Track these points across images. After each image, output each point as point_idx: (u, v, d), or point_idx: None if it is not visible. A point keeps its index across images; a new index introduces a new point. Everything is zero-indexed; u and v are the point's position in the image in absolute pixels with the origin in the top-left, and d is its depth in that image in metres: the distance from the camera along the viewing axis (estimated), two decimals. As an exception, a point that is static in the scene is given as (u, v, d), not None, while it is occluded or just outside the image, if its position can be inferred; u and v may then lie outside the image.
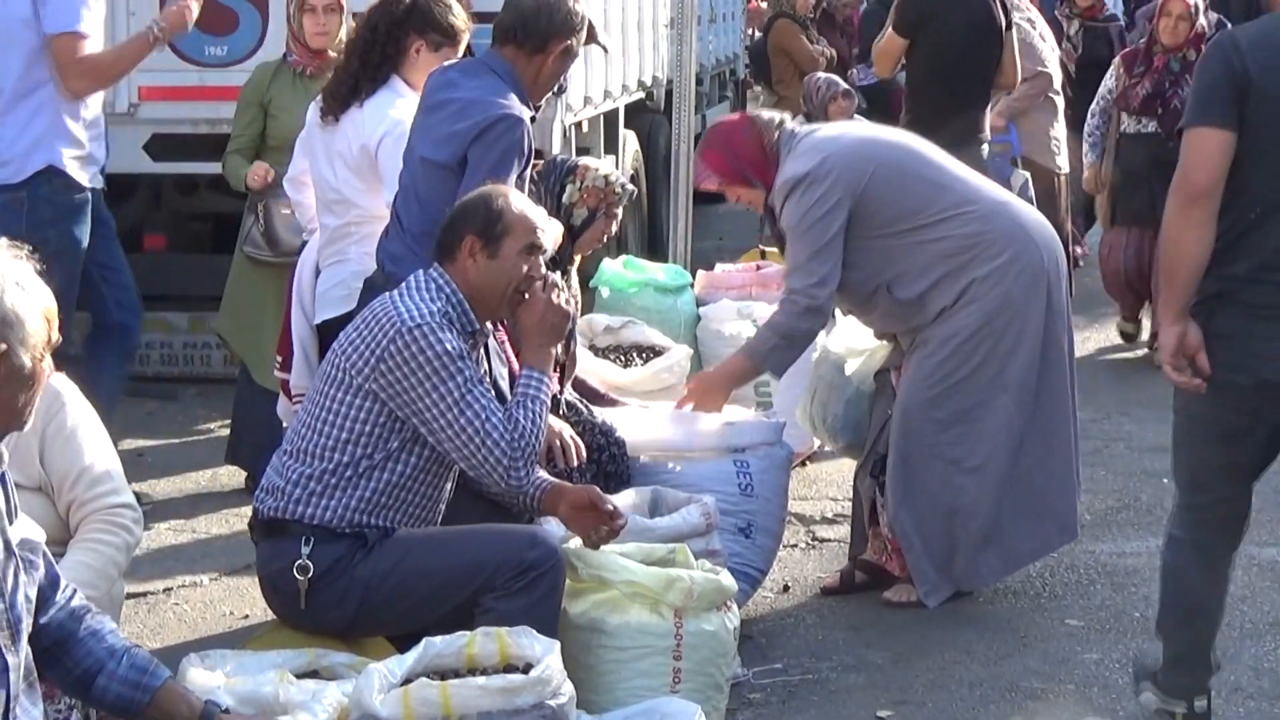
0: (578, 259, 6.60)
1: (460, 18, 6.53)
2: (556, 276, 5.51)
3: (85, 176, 7.61)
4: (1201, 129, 5.05)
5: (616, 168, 11.22)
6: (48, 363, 3.64)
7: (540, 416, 5.23)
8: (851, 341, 7.05)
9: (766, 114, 6.83)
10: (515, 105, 5.85)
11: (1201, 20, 10.59)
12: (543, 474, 5.46)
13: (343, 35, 7.76)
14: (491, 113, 5.82)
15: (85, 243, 7.67)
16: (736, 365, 6.77)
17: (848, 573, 6.95)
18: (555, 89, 6.40)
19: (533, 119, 6.03)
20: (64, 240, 7.53)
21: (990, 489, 6.56)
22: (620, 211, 6.64)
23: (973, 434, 6.55)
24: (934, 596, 6.64)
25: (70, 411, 4.90)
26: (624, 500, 5.79)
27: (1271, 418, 5.15)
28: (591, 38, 6.38)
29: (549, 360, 5.38)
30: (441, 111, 5.97)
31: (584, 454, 5.99)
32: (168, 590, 7.04)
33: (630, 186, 6.74)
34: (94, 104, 7.67)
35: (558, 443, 5.92)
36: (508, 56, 5.99)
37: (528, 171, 5.98)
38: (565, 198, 6.46)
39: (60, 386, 4.91)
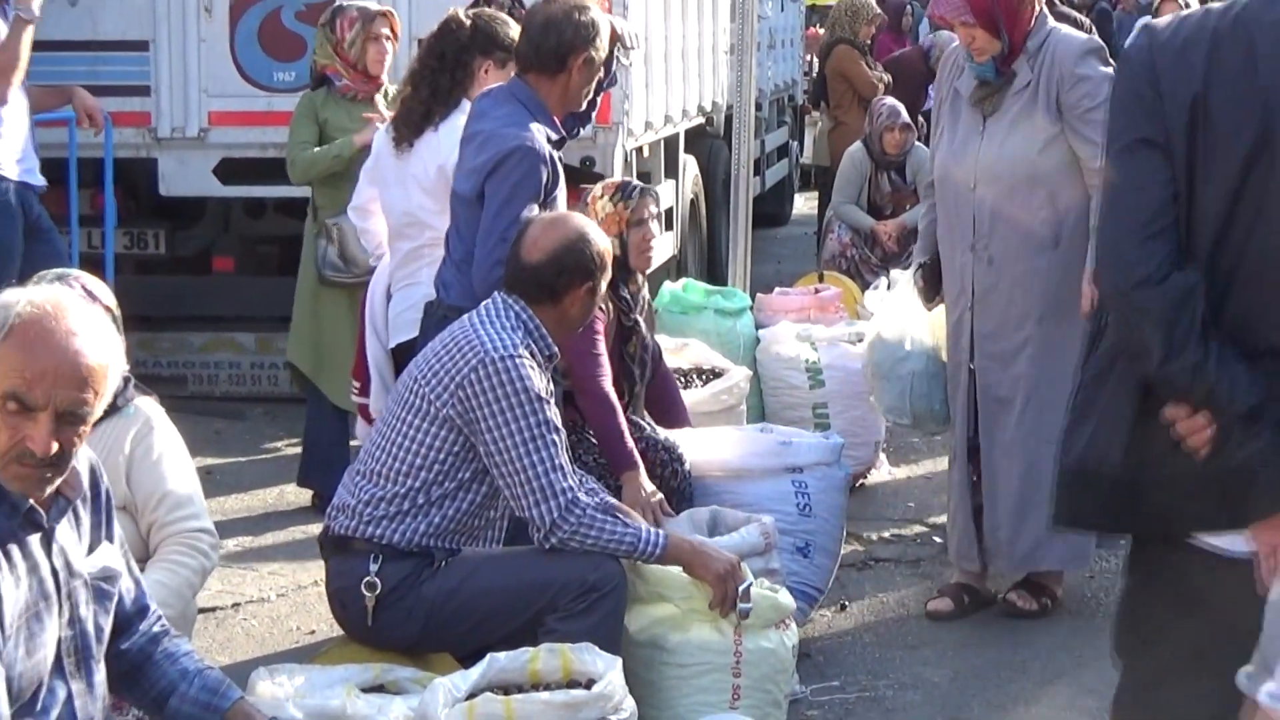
0: (641, 278, 6.60)
1: (517, 30, 6.56)
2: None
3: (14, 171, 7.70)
4: None
5: (675, 191, 11.28)
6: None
7: (608, 538, 5.16)
8: (904, 324, 7.04)
9: None
10: (533, 135, 5.84)
11: None
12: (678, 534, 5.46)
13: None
14: (505, 146, 5.83)
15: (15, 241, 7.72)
16: None
17: (955, 594, 6.88)
18: (603, 86, 6.38)
19: (562, 141, 6.06)
20: None
21: None
22: (647, 212, 6.56)
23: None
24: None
25: (158, 437, 4.95)
26: (682, 521, 5.81)
27: None
28: (614, 42, 6.39)
29: (687, 546, 5.30)
30: (470, 145, 6.01)
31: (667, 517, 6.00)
32: (236, 606, 7.07)
33: (646, 187, 6.72)
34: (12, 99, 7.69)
35: (653, 510, 5.90)
36: (531, 82, 6.01)
37: (557, 193, 5.97)
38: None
39: (150, 412, 4.96)
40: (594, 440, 6.12)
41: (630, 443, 6.02)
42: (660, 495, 6.01)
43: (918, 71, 13.74)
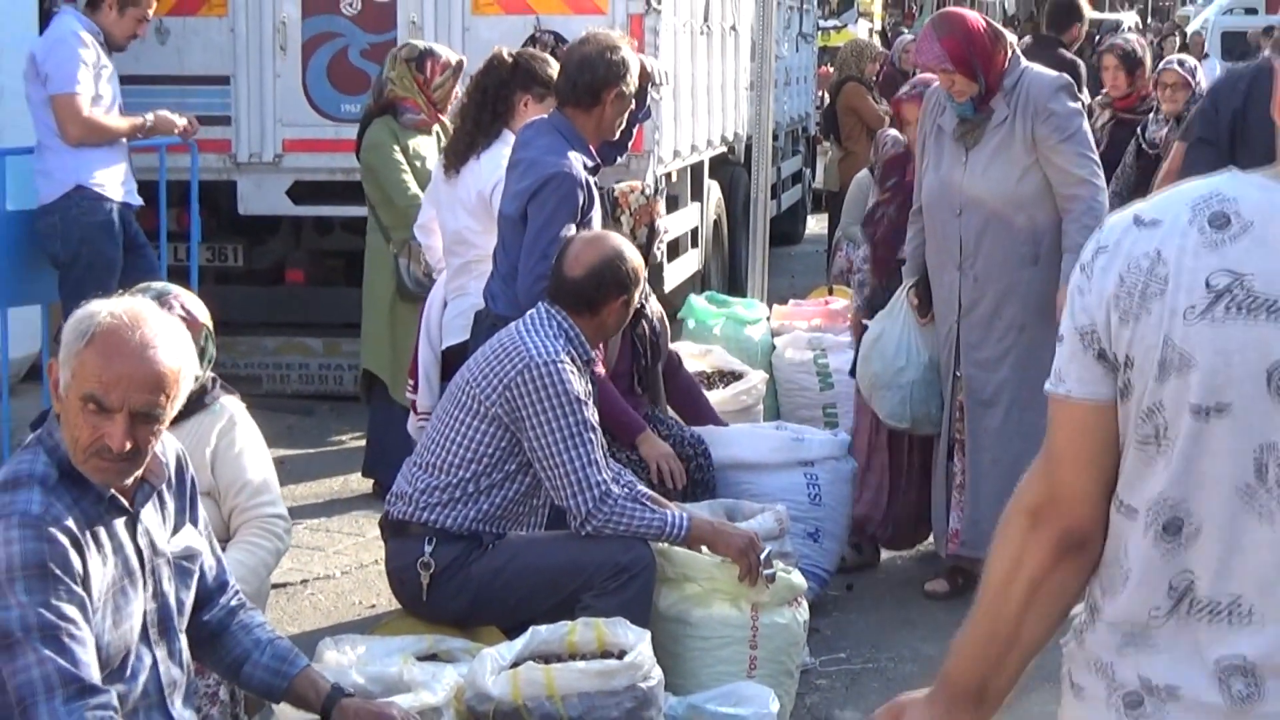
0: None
1: (555, 68, 6.56)
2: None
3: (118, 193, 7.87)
4: None
5: (700, 213, 11.28)
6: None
7: (637, 524, 5.17)
8: (900, 337, 6.89)
9: (1000, 27, 6.62)
10: (570, 163, 5.84)
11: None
12: (701, 513, 5.45)
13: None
14: (545, 172, 5.81)
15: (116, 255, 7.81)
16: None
17: (949, 576, 6.87)
18: (636, 118, 6.44)
19: (597, 168, 6.05)
20: (95, 255, 7.68)
21: None
22: (663, 209, 6.66)
23: None
24: None
25: (240, 432, 4.95)
26: (703, 511, 5.80)
27: None
28: (644, 79, 6.39)
29: (709, 525, 5.32)
30: (514, 171, 6.01)
31: (684, 478, 6.01)
32: (304, 582, 7.09)
33: (655, 190, 6.78)
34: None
35: (666, 465, 5.94)
36: (569, 115, 6.00)
37: (592, 214, 5.96)
38: (624, 226, 6.51)
39: (233, 409, 4.97)
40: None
41: (631, 411, 6.03)
42: (669, 449, 6.04)
43: None
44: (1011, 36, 6.65)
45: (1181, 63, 9.22)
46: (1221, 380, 2.41)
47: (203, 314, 4.79)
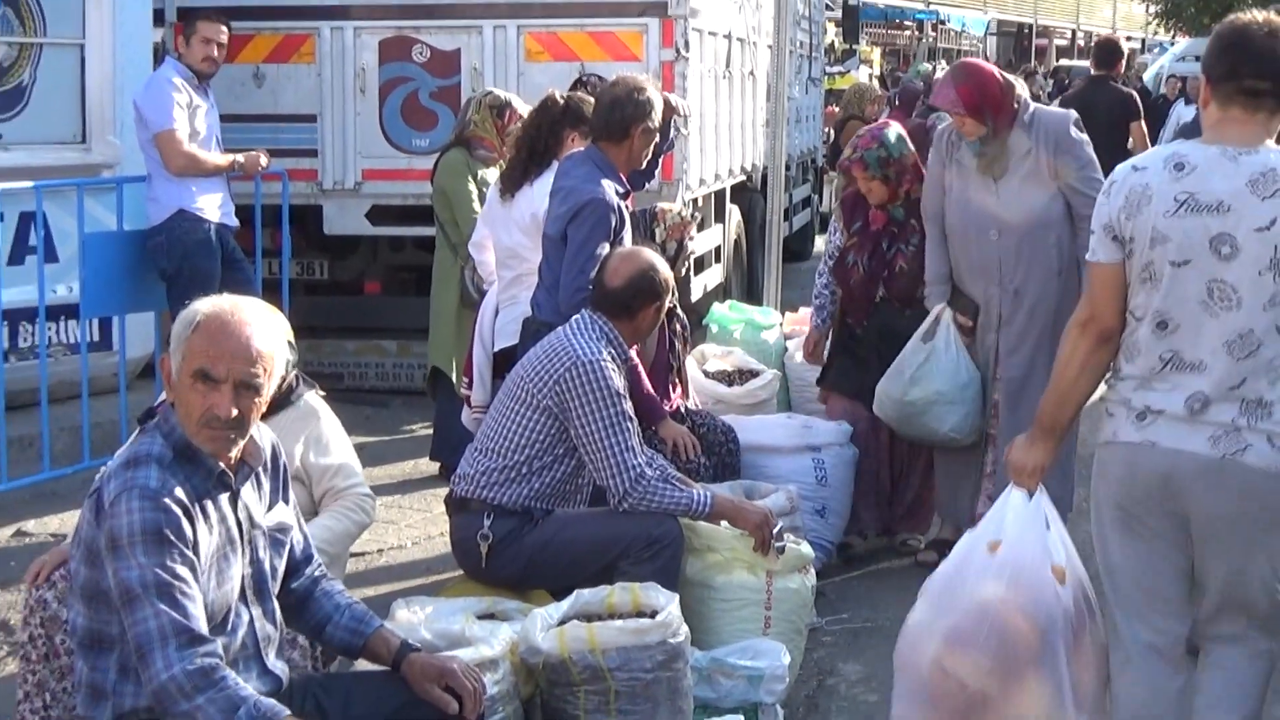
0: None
1: None
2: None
3: (216, 215, 7.93)
4: None
5: (722, 233, 11.27)
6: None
7: (667, 502, 5.16)
8: (954, 356, 6.52)
9: (1013, 78, 6.52)
10: (604, 190, 5.85)
11: None
12: (724, 493, 5.44)
13: None
14: (582, 198, 5.84)
15: (215, 269, 7.85)
16: None
17: (939, 547, 6.67)
18: (661, 149, 6.43)
19: (628, 193, 6.05)
20: (195, 269, 7.74)
21: None
22: (694, 234, 6.61)
23: None
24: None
25: (324, 422, 4.98)
26: (724, 491, 5.80)
27: None
28: (671, 114, 6.38)
29: (730, 503, 5.31)
30: (556, 197, 6.02)
31: (699, 449, 6.01)
32: (380, 551, 7.10)
33: (692, 213, 6.73)
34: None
35: (684, 441, 5.95)
36: (602, 148, 6.02)
37: (624, 233, 5.96)
38: (657, 238, 6.51)
39: (315, 405, 4.99)
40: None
41: (655, 399, 6.00)
42: (685, 429, 6.02)
43: (920, 143, 13.66)
44: (1021, 86, 6.52)
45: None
46: (1185, 247, 3.90)
47: (282, 324, 4.80)
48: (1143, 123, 11.10)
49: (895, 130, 6.85)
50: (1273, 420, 3.86)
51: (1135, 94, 10.83)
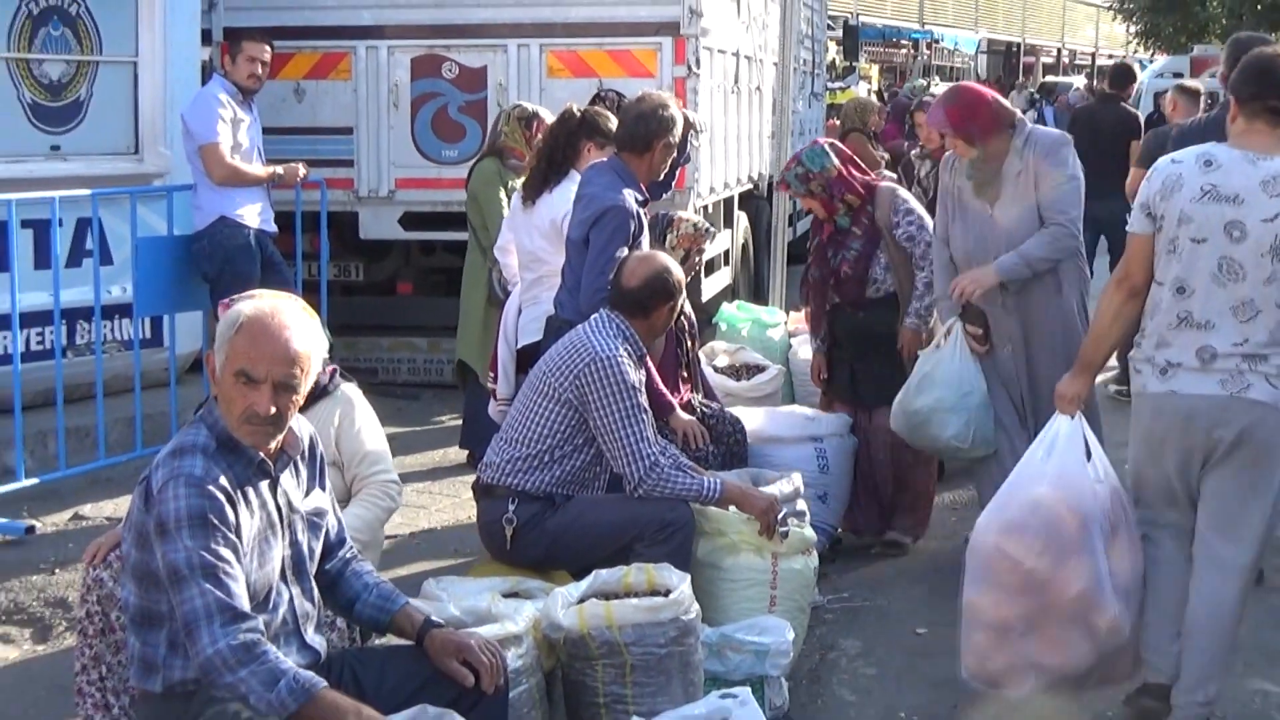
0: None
1: (614, 122, 6.54)
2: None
3: (255, 222, 7.95)
4: None
5: (730, 238, 11.26)
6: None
7: (679, 488, 5.14)
8: (959, 367, 6.31)
9: (1006, 102, 6.29)
10: (624, 198, 5.83)
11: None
12: (731, 478, 5.38)
13: None
14: (604, 205, 5.82)
15: (254, 272, 7.84)
16: (987, 273, 6.06)
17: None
18: (678, 162, 6.40)
19: (646, 202, 6.02)
20: (235, 272, 7.73)
21: None
22: (707, 247, 6.55)
23: None
24: None
25: (358, 413, 4.96)
26: (732, 479, 5.77)
27: None
28: (687, 130, 6.36)
29: (738, 489, 5.27)
30: (579, 203, 6.02)
31: (708, 438, 5.99)
32: (412, 534, 7.10)
33: (712, 228, 6.70)
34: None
35: (693, 431, 5.94)
36: (625, 158, 6.01)
37: (642, 239, 5.94)
38: (667, 243, 6.49)
39: (351, 394, 4.98)
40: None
41: (665, 394, 5.95)
42: (693, 419, 5.97)
43: (896, 160, 13.67)
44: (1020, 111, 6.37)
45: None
46: (1204, 227, 4.56)
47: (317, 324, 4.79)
48: (1142, 141, 11.16)
49: (818, 147, 6.71)
50: (1269, 365, 4.55)
51: (1139, 115, 11.37)
